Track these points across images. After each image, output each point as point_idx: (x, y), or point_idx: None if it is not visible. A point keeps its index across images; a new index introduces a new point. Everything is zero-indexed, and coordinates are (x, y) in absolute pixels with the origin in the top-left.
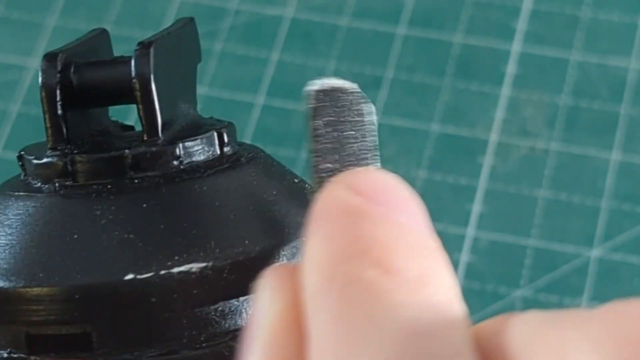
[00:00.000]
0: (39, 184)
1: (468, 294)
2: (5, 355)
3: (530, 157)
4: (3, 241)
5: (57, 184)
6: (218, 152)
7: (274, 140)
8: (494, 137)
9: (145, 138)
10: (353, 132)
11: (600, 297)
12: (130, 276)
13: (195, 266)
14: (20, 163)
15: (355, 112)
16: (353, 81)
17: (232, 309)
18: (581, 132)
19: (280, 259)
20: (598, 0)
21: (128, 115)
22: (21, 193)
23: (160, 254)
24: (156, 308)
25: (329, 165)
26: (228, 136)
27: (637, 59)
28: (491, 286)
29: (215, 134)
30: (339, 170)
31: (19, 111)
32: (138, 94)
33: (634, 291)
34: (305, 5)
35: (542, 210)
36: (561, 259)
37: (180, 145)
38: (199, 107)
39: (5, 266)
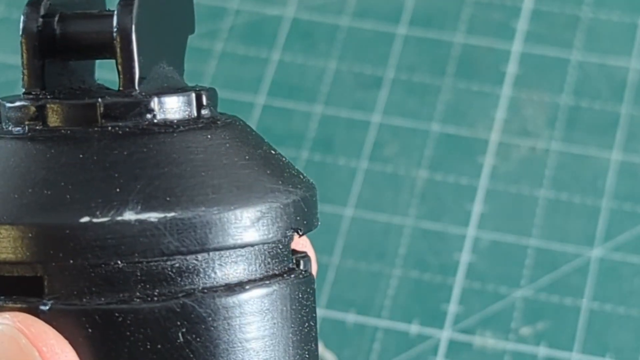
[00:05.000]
0: (9, 127)
1: (468, 294)
2: None
3: (531, 157)
4: None
5: (27, 127)
6: (195, 113)
7: (274, 140)
8: (494, 137)
9: (120, 88)
10: None
11: (601, 297)
12: (85, 219)
13: (154, 216)
14: None
15: None
16: (353, 81)
17: (190, 267)
18: (582, 132)
19: (241, 221)
20: (598, 0)
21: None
22: None
23: (119, 200)
24: (109, 255)
25: None
26: (207, 99)
27: (637, 59)
28: (492, 286)
29: (193, 94)
30: None
31: None
32: (118, 44)
33: (634, 291)
34: (306, 5)
35: (543, 210)
36: (562, 259)
37: (156, 99)
38: None
39: None
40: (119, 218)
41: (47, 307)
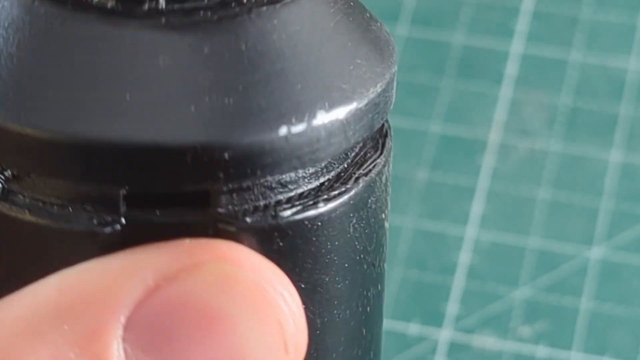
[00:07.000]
0: (115, 4)
1: (468, 294)
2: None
3: (530, 157)
4: (92, 74)
5: (147, 6)
6: None
7: None
8: (494, 137)
9: None
10: None
11: (601, 297)
12: (284, 131)
13: (341, 110)
14: None
15: None
16: None
17: (355, 151)
18: (581, 132)
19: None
20: (598, 1)
21: None
22: (107, 21)
23: (305, 99)
24: (301, 165)
25: None
26: None
27: (637, 59)
28: (491, 286)
29: None
30: None
31: None
32: None
33: (633, 291)
34: None
35: (542, 210)
36: (561, 259)
37: None
38: None
39: (116, 109)
40: (314, 122)
41: (237, 227)
